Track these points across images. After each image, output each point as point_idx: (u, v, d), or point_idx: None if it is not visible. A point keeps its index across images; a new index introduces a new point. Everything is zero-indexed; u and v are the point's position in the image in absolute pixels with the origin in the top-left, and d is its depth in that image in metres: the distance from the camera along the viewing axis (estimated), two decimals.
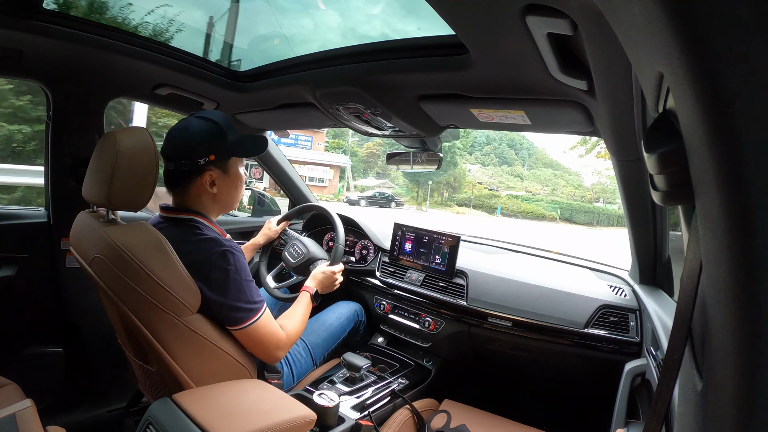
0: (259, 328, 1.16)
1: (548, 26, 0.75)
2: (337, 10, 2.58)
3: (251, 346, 1.19)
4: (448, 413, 1.44)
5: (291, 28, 2.06)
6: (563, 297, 1.60)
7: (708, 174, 0.30)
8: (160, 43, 1.46)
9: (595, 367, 1.55)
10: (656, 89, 0.43)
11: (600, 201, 44.38)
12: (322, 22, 2.49)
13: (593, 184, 48.30)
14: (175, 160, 1.18)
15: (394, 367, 1.73)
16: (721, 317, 0.32)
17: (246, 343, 1.18)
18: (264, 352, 1.20)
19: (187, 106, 1.79)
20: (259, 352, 1.20)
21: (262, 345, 1.18)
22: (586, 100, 1.03)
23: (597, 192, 46.53)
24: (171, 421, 0.92)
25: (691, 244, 0.39)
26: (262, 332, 1.17)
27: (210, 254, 1.11)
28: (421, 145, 1.67)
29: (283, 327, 1.24)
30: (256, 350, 1.20)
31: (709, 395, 0.36)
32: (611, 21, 0.51)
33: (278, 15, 1.98)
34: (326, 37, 1.94)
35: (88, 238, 1.09)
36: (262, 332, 1.17)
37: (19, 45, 1.32)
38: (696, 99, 0.30)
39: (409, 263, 1.91)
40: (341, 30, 2.57)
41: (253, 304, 1.15)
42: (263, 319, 1.17)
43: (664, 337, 1.05)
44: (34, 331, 1.61)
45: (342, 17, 2.68)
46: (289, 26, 2.07)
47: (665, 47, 0.32)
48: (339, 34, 2.36)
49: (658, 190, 0.40)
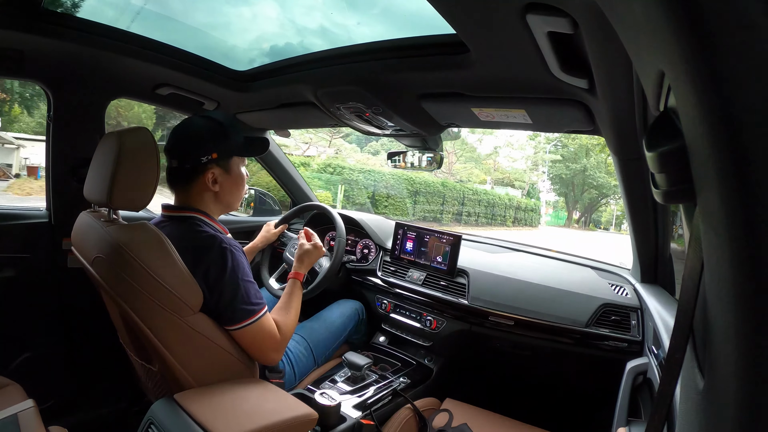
0: (255, 331, 1.14)
1: (549, 25, 0.75)
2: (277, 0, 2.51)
3: (246, 346, 1.17)
4: (450, 412, 1.44)
5: (229, 15, 2.02)
6: (565, 296, 1.60)
7: (709, 172, 0.30)
8: (161, 43, 1.46)
9: (597, 366, 1.55)
10: (657, 87, 0.43)
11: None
12: (261, 12, 2.43)
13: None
14: (178, 157, 1.18)
15: (395, 366, 1.74)
16: (723, 316, 0.32)
17: (242, 343, 1.17)
18: (259, 354, 1.19)
19: (188, 106, 1.79)
20: (254, 353, 1.19)
21: (257, 347, 1.17)
22: (587, 99, 1.03)
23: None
24: (173, 420, 0.92)
25: (692, 243, 0.39)
26: (258, 335, 1.15)
27: (208, 250, 1.11)
28: (422, 144, 1.67)
29: (277, 324, 1.22)
30: (251, 351, 1.18)
31: (711, 394, 0.36)
32: (612, 19, 0.51)
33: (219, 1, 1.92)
34: (263, 28, 1.90)
35: (89, 238, 1.09)
36: (259, 335, 1.15)
37: (20, 46, 1.32)
38: (697, 97, 0.30)
39: (410, 262, 1.91)
40: (280, 21, 2.53)
41: (250, 306, 1.13)
42: (261, 322, 1.15)
43: (666, 336, 1.05)
44: (35, 332, 1.61)
45: (281, 8, 2.61)
46: (228, 13, 2.03)
47: (666, 45, 0.32)
48: (278, 25, 2.30)
49: (659, 189, 0.40)
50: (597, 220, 34.15)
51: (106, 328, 1.35)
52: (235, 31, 1.78)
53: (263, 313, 1.16)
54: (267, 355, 1.20)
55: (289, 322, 1.27)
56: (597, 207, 32.86)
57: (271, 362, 1.22)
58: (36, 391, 1.21)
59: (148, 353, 1.10)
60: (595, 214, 33.57)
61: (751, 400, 0.30)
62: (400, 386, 1.57)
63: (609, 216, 33.76)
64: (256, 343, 1.16)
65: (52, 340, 1.64)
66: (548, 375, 1.80)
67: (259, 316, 1.15)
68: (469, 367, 1.95)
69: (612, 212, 33.46)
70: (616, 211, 32.76)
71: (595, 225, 33.20)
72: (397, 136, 1.62)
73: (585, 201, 30.96)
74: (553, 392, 1.89)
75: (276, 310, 1.29)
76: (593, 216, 33.42)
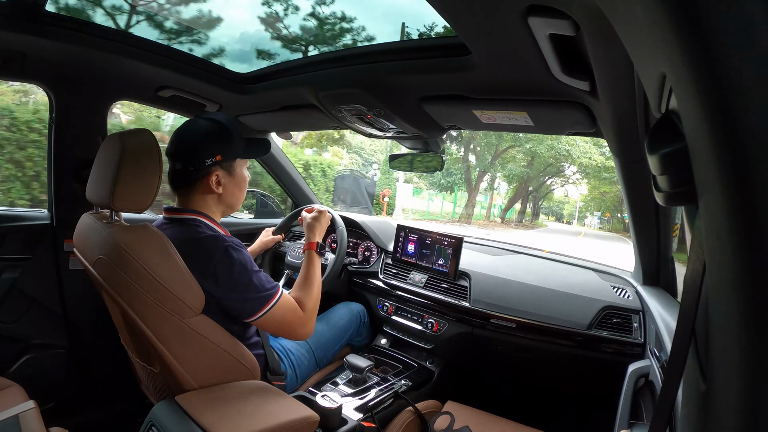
0: (277, 314, 1.16)
1: (550, 27, 0.75)
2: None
3: (273, 331, 1.20)
4: (452, 415, 1.43)
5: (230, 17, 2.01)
6: (566, 298, 1.59)
7: (711, 174, 0.30)
8: (163, 45, 1.46)
9: (599, 369, 1.55)
10: (659, 90, 0.43)
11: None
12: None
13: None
14: (182, 159, 1.18)
15: (397, 369, 1.73)
16: (725, 318, 0.32)
17: (269, 330, 1.20)
18: (289, 334, 1.22)
19: (190, 108, 1.79)
20: (283, 335, 1.22)
21: (283, 329, 1.19)
22: (589, 101, 1.03)
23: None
24: (174, 422, 0.92)
25: (694, 245, 0.39)
26: (281, 317, 1.17)
27: (213, 251, 1.11)
28: (424, 146, 1.67)
29: (299, 301, 1.23)
30: (279, 333, 1.21)
31: (713, 397, 0.36)
32: (613, 22, 0.51)
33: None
34: (232, 14, 1.88)
35: (91, 240, 1.10)
36: (281, 317, 1.17)
37: (22, 48, 1.32)
38: (699, 99, 0.29)
39: (412, 264, 1.91)
40: (251, 4, 2.50)
41: (265, 291, 1.14)
42: (280, 304, 1.16)
43: (668, 339, 1.05)
44: (37, 333, 1.61)
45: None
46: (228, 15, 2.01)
47: (668, 47, 0.32)
48: (249, 10, 2.28)
49: (661, 191, 0.40)
50: (555, 212, 24.40)
51: (108, 329, 1.35)
52: (235, 33, 1.78)
53: (280, 294, 1.17)
54: (296, 333, 1.22)
55: (312, 295, 1.28)
56: (544, 192, 22.31)
57: (303, 337, 1.25)
58: (37, 392, 1.21)
59: (150, 355, 1.10)
60: (546, 202, 23.27)
61: (753, 403, 0.29)
62: (401, 388, 1.57)
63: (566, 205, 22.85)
64: (282, 326, 1.18)
65: (53, 341, 1.64)
66: (550, 377, 1.79)
67: (276, 299, 1.16)
68: (470, 369, 1.94)
69: (574, 203, 23.25)
70: (579, 202, 23.47)
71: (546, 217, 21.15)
72: (399, 138, 1.62)
73: (511, 178, 20.99)
74: (554, 395, 1.88)
75: (296, 287, 1.30)
76: (542, 205, 23.26)
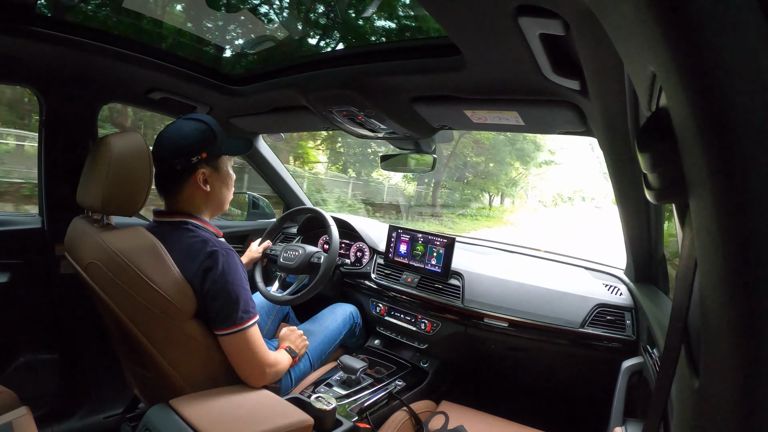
0: (242, 341, 1.10)
1: (541, 27, 0.76)
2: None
3: (232, 356, 1.12)
4: (446, 414, 1.43)
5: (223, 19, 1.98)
6: (559, 297, 1.60)
7: (701, 171, 0.31)
8: (153, 47, 1.45)
9: (592, 366, 1.56)
10: (648, 88, 0.44)
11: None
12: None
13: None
14: (168, 160, 1.16)
15: (390, 369, 1.73)
16: (717, 314, 0.33)
17: (228, 352, 1.11)
18: (243, 369, 1.13)
19: (181, 110, 1.78)
20: (239, 367, 1.13)
21: (242, 359, 1.12)
22: (579, 100, 1.03)
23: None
24: (168, 426, 0.92)
25: (685, 242, 0.40)
26: (245, 346, 1.11)
27: (200, 254, 1.10)
28: (415, 147, 1.67)
29: (271, 357, 1.18)
30: (235, 363, 1.13)
31: (707, 392, 0.36)
32: (603, 21, 0.51)
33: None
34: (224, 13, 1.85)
35: (82, 244, 1.09)
36: (245, 347, 1.11)
37: (11, 50, 1.31)
38: (688, 97, 0.30)
39: (404, 265, 1.91)
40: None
41: (240, 312, 1.09)
42: (249, 333, 1.11)
43: (661, 335, 1.06)
44: (28, 338, 1.59)
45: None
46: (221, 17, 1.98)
47: (656, 46, 0.32)
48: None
49: (651, 189, 0.40)
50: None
51: (100, 334, 1.34)
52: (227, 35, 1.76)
53: (252, 323, 1.12)
54: (251, 372, 1.14)
55: (279, 364, 1.23)
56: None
57: (253, 383, 1.15)
58: (30, 397, 1.20)
59: (143, 359, 1.09)
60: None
61: (746, 398, 0.30)
62: (395, 389, 1.57)
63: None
64: (241, 355, 1.12)
65: (45, 346, 1.62)
66: (544, 376, 1.80)
67: (247, 326, 1.11)
68: (464, 369, 1.95)
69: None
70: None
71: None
72: (390, 139, 1.62)
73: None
74: (549, 393, 1.89)
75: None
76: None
